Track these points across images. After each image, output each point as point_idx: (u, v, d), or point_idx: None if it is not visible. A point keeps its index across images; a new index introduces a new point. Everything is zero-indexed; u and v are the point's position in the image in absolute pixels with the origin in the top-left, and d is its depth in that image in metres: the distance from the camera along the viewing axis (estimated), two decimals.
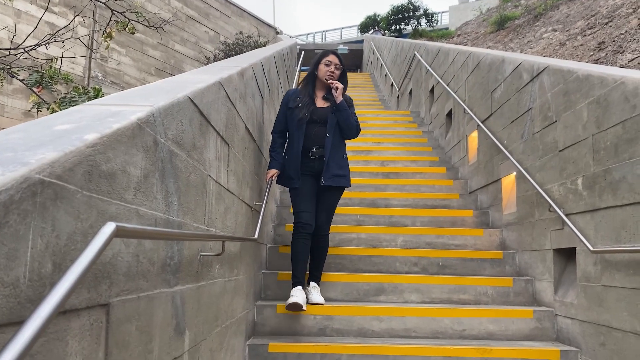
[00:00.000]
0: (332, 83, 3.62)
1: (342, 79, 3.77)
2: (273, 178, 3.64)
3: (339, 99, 3.62)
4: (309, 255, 3.66)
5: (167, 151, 1.65)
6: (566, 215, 3.38)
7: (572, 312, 3.36)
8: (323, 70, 3.71)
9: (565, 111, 3.49)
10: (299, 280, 3.60)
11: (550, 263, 3.68)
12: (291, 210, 4.13)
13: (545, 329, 3.60)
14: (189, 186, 1.92)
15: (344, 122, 3.64)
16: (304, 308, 3.44)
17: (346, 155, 3.77)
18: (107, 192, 1.21)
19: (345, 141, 3.84)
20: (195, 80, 2.31)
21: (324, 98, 3.76)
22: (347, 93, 3.95)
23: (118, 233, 1.01)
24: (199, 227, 2.06)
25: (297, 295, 3.48)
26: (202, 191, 2.12)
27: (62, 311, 1.01)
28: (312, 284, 3.76)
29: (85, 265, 0.87)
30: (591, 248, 3.00)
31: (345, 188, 3.85)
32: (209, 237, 1.94)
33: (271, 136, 3.84)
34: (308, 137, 3.64)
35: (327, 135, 3.62)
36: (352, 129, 3.70)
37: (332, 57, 3.74)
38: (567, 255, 3.58)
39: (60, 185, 0.99)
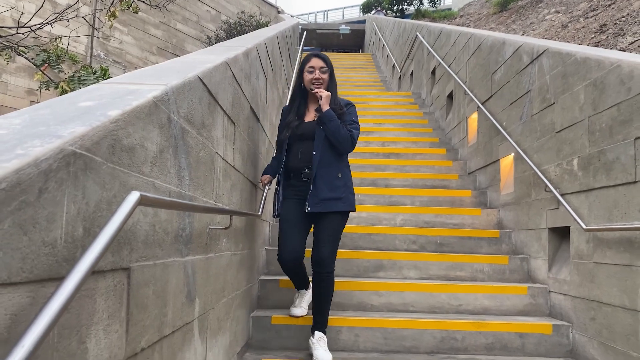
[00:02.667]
0: (317, 92, 3.11)
1: (331, 82, 3.24)
2: (266, 182, 3.36)
3: (325, 107, 3.07)
4: (304, 268, 3.31)
5: (180, 128, 1.74)
6: (561, 195, 3.48)
7: (564, 288, 3.48)
8: (307, 79, 3.21)
9: (563, 93, 3.56)
10: (299, 285, 3.45)
11: (545, 241, 3.79)
12: None
13: (538, 305, 3.73)
14: (199, 162, 2.01)
15: (332, 136, 3.06)
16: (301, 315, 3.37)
17: (344, 174, 3.17)
18: (128, 165, 1.30)
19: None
20: (203, 60, 2.39)
21: (317, 110, 3.19)
22: (349, 74, 3.82)
23: (142, 201, 1.11)
24: (208, 201, 2.16)
25: (297, 302, 3.43)
26: (211, 167, 2.21)
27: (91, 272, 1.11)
28: (317, 334, 3.09)
29: (115, 228, 0.97)
30: (584, 226, 3.10)
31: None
32: (219, 211, 2.04)
33: (272, 153, 3.55)
34: (296, 157, 3.16)
35: (314, 152, 3.09)
36: (343, 142, 3.09)
37: (314, 62, 3.20)
38: (561, 234, 3.68)
39: (89, 157, 1.08)
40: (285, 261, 3.10)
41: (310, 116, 3.25)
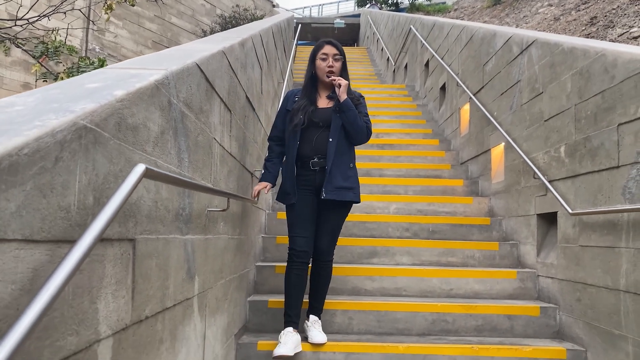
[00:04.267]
0: (334, 80, 3.04)
1: (344, 71, 3.18)
2: (265, 191, 3.17)
3: (343, 96, 3.01)
4: (304, 288, 3.11)
5: (179, 112, 1.82)
6: (549, 181, 3.58)
7: (552, 272, 3.59)
8: (321, 66, 3.13)
9: (550, 82, 3.66)
10: (291, 319, 3.03)
11: (534, 227, 3.90)
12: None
13: (527, 289, 3.84)
14: (197, 146, 2.10)
15: (350, 125, 3.04)
16: (292, 354, 2.88)
17: (354, 165, 3.18)
18: (132, 142, 1.39)
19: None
20: (200, 49, 2.47)
21: (329, 97, 3.18)
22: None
23: (147, 173, 1.19)
24: (206, 185, 2.24)
25: (286, 341, 2.90)
26: (209, 152, 2.29)
27: (100, 238, 1.19)
28: (312, 317, 3.18)
29: (124, 195, 1.06)
30: (570, 211, 3.21)
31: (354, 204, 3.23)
32: (217, 192, 2.13)
33: (267, 143, 3.33)
34: (308, 144, 3.08)
35: (330, 140, 3.04)
36: (360, 132, 3.08)
37: (327, 49, 3.13)
38: (549, 220, 3.79)
39: (98, 132, 1.17)
40: (298, 250, 3.03)
41: (322, 103, 3.17)
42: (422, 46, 8.36)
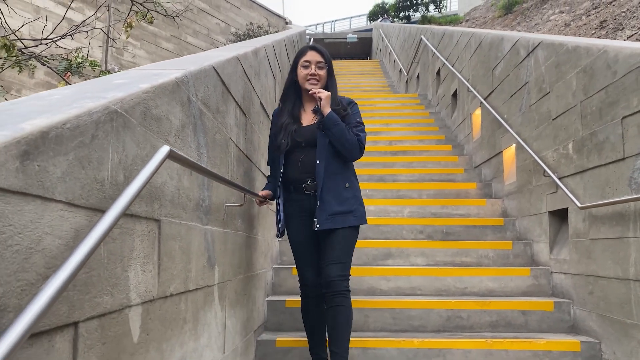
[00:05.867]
0: (314, 92, 2.70)
1: (330, 79, 2.84)
2: (266, 197, 2.91)
3: (326, 110, 2.66)
4: (324, 319, 2.81)
5: (198, 109, 1.96)
6: (559, 178, 3.65)
7: (565, 267, 3.63)
8: (302, 74, 2.79)
9: (557, 82, 3.74)
10: (318, 355, 2.84)
11: (546, 225, 3.95)
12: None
13: (541, 286, 3.88)
14: (215, 144, 2.23)
15: (338, 142, 2.67)
16: None
17: (352, 183, 2.78)
18: (157, 131, 1.52)
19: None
20: (215, 55, 2.62)
21: (314, 111, 2.82)
22: (358, 80, 3.36)
23: (171, 155, 1.32)
24: (224, 177, 2.37)
25: None
26: (226, 151, 2.43)
27: (129, 214, 1.32)
28: None
29: (151, 171, 1.19)
30: (579, 205, 3.27)
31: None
32: (234, 185, 2.26)
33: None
34: (295, 167, 2.75)
35: (318, 161, 2.69)
36: (350, 148, 2.70)
37: (310, 55, 2.80)
38: (560, 216, 3.84)
39: (127, 117, 1.30)
40: (307, 284, 2.81)
41: (307, 118, 2.83)
42: (433, 55, 8.48)
